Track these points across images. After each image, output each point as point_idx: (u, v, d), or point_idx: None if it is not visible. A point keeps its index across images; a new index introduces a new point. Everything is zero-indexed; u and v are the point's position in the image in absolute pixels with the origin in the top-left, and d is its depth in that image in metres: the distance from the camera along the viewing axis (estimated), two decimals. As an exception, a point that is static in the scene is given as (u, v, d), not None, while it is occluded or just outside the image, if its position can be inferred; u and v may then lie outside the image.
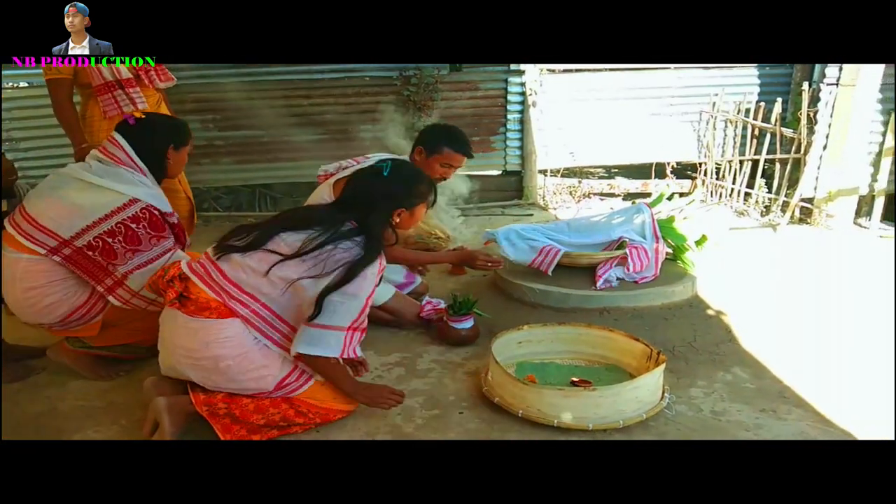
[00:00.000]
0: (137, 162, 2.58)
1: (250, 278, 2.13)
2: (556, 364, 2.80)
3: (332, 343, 2.13)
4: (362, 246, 2.18)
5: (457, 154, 3.25)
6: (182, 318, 2.13)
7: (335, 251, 2.13)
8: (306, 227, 2.19)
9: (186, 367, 2.16)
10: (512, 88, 6.36)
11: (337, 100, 6.25)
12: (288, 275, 2.12)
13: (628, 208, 3.56)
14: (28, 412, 2.50)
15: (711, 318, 3.18)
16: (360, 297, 2.15)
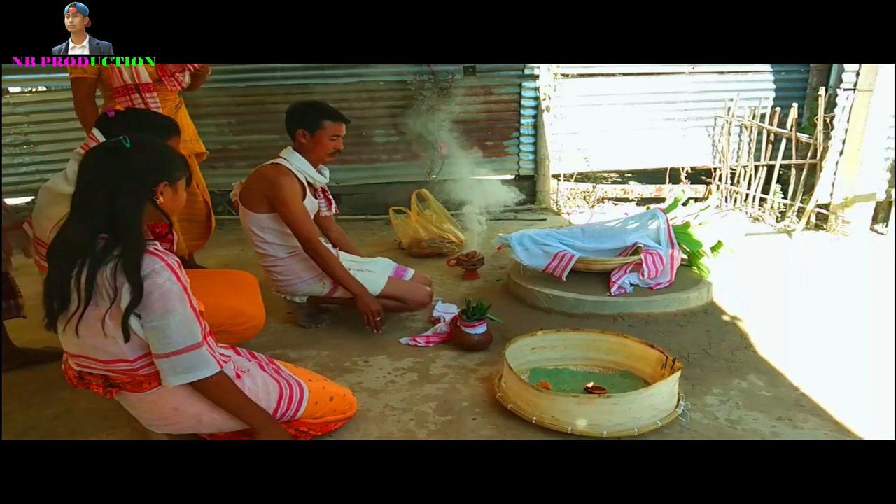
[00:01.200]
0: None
1: (108, 347, 1.84)
2: (570, 370, 2.79)
3: (198, 363, 1.87)
4: (136, 264, 1.77)
5: (337, 123, 3.21)
6: (132, 396, 1.96)
7: (104, 277, 1.74)
8: (72, 263, 1.76)
9: (173, 430, 2.07)
10: (526, 93, 6.36)
11: (351, 104, 6.26)
12: (100, 326, 1.78)
13: (643, 214, 3.54)
14: (43, 415, 2.52)
15: (727, 325, 3.15)
16: (177, 310, 1.80)
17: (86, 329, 1.79)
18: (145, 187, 1.83)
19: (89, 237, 1.75)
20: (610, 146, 6.44)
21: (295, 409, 2.16)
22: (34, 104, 6.10)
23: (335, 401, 2.31)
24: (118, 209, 1.77)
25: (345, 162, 6.34)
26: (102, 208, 1.76)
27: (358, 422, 2.41)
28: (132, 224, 1.79)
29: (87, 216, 1.78)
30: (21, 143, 6.04)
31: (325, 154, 3.22)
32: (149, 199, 1.84)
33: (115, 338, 1.80)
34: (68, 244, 1.78)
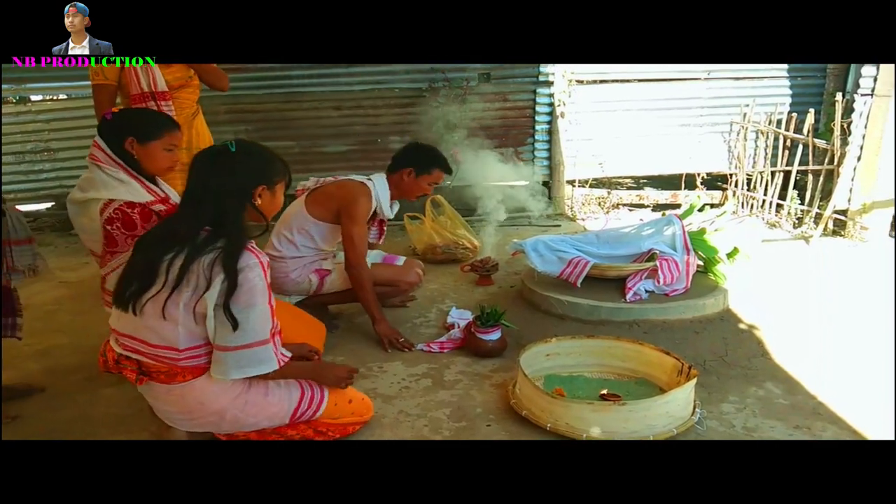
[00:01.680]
0: (115, 158, 2.44)
1: (165, 334, 1.94)
2: (585, 377, 2.79)
3: (263, 359, 1.97)
4: (230, 253, 1.91)
5: (445, 173, 3.45)
6: (160, 387, 2.01)
7: (200, 266, 1.89)
8: (167, 249, 1.94)
9: (192, 426, 2.11)
10: (540, 99, 6.36)
11: (367, 111, 6.31)
12: (173, 311, 1.91)
13: (659, 220, 3.53)
14: (61, 417, 2.56)
15: (743, 332, 3.13)
16: (258, 304, 1.92)
17: (153, 311, 1.91)
18: (246, 190, 2.01)
19: (194, 230, 1.93)
20: (625, 152, 6.42)
21: (315, 408, 2.19)
22: (55, 112, 6.18)
23: (354, 403, 2.34)
24: (224, 209, 1.95)
25: (360, 168, 6.36)
26: (209, 207, 1.95)
27: (373, 427, 2.42)
28: (236, 222, 1.96)
29: (195, 212, 1.96)
30: (42, 150, 6.12)
31: (414, 195, 3.42)
32: (248, 201, 2.01)
33: (176, 325, 1.91)
34: (168, 234, 1.97)
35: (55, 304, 3.99)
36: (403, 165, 3.35)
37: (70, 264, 5.04)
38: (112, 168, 2.43)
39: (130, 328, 1.99)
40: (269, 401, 2.10)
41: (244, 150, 2.02)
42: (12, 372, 2.97)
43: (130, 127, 2.47)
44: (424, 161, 3.37)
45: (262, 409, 2.09)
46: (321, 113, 6.27)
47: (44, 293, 4.25)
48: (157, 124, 2.54)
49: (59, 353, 3.21)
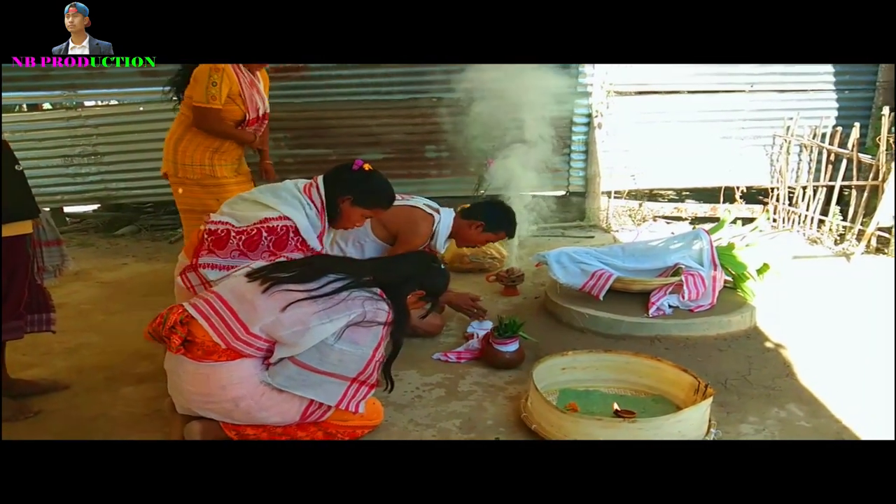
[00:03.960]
0: (321, 199, 2.68)
1: (263, 316, 2.11)
2: (601, 392, 2.74)
3: (331, 391, 2.17)
4: (377, 299, 2.23)
5: (508, 238, 3.61)
6: (190, 364, 2.12)
7: (350, 297, 2.18)
8: (336, 272, 2.26)
9: (205, 411, 2.17)
10: (578, 110, 6.32)
11: (403, 120, 6.36)
12: (300, 314, 2.11)
13: (686, 234, 3.47)
14: (82, 415, 2.62)
15: (769, 351, 3.04)
16: (364, 348, 2.17)
17: (278, 297, 2.13)
18: (414, 287, 2.42)
19: (364, 275, 2.29)
20: (663, 164, 6.33)
21: (325, 410, 2.22)
22: (102, 117, 6.38)
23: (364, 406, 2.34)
24: (401, 290, 2.35)
25: (394, 176, 6.37)
26: (394, 278, 2.36)
27: (380, 434, 2.42)
28: (402, 298, 2.33)
29: (378, 267, 2.40)
30: (89, 154, 6.32)
31: (472, 245, 3.55)
32: (412, 290, 2.40)
33: (277, 316, 2.10)
34: (344, 265, 2.38)
35: (90, 304, 4.11)
36: (477, 217, 3.42)
37: (109, 265, 5.19)
38: (311, 206, 2.66)
39: (230, 292, 2.20)
40: (283, 397, 2.16)
41: (441, 271, 2.54)
42: (41, 369, 3.08)
43: (356, 190, 2.69)
44: (497, 222, 3.46)
45: (276, 405, 2.16)
46: (358, 122, 6.34)
47: (80, 292, 4.38)
48: (377, 199, 2.75)
49: (87, 351, 3.30)
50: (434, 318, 3.40)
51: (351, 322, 2.16)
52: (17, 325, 2.64)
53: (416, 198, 3.52)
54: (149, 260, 5.38)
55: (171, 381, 2.22)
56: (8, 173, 2.49)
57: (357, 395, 2.22)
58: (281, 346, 2.13)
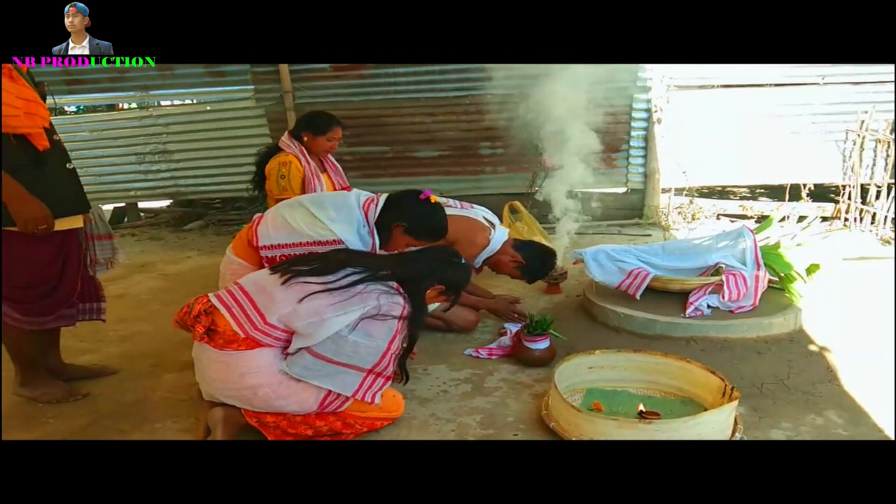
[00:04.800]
0: (372, 224, 2.79)
1: (281, 307, 2.18)
2: (629, 393, 2.69)
3: (347, 382, 2.21)
4: (393, 293, 2.26)
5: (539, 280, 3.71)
6: (213, 352, 2.21)
7: (365, 290, 2.21)
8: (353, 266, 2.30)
9: (227, 398, 2.26)
10: (637, 105, 6.19)
11: (459, 117, 6.38)
12: (316, 306, 2.16)
13: (729, 232, 3.35)
14: (125, 399, 2.77)
15: (812, 355, 2.91)
16: (379, 340, 2.21)
17: (296, 289, 2.20)
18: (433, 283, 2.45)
19: (382, 270, 2.32)
20: (726, 160, 6.12)
21: (343, 400, 2.27)
22: (173, 116, 6.67)
23: (383, 399, 2.37)
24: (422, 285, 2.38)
25: (450, 173, 6.46)
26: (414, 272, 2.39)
27: (400, 428, 2.45)
28: (420, 294, 2.37)
29: (397, 263, 2.42)
30: (160, 152, 6.62)
31: (501, 272, 3.54)
32: (430, 286, 2.44)
33: (293, 307, 2.16)
34: (362, 259, 2.39)
35: (150, 295, 4.32)
36: (525, 255, 3.42)
37: (174, 258, 5.44)
38: (365, 225, 2.77)
39: (252, 284, 2.30)
40: (301, 386, 2.21)
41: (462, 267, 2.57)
42: (95, 355, 3.26)
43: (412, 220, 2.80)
44: (533, 268, 3.48)
45: (294, 394, 2.22)
46: (415, 119, 6.41)
47: (142, 283, 4.61)
48: (428, 233, 2.83)
49: (139, 339, 3.48)
50: (469, 315, 3.41)
51: (365, 314, 2.19)
52: (69, 313, 2.80)
53: (476, 208, 3.54)
54: (211, 254, 5.60)
55: (197, 368, 2.32)
56: (61, 171, 2.64)
57: (373, 387, 2.26)
58: (298, 336, 2.19)
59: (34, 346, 2.75)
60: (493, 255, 3.38)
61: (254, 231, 2.86)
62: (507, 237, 3.42)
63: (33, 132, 2.44)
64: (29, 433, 2.49)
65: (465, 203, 3.53)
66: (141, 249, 5.89)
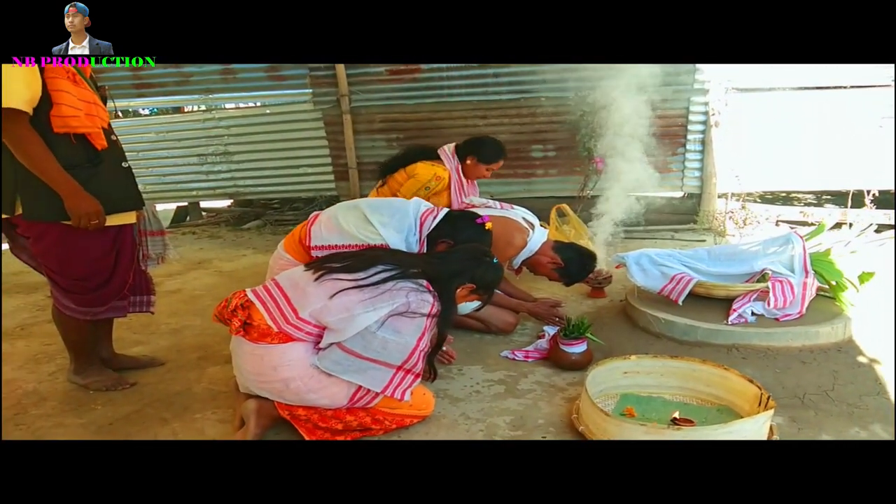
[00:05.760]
0: (427, 233, 2.89)
1: (313, 302, 2.24)
2: (664, 399, 2.64)
3: (376, 377, 2.24)
4: (422, 291, 2.29)
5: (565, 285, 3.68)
6: (248, 345, 2.27)
7: (395, 287, 2.25)
8: (385, 264, 2.35)
9: (260, 390, 2.32)
10: (694, 108, 6.08)
11: (511, 120, 6.39)
12: (347, 302, 2.22)
13: (777, 237, 3.25)
14: (169, 389, 2.87)
15: (861, 367, 2.79)
16: (408, 337, 2.24)
17: (327, 285, 2.27)
18: (464, 284, 2.48)
19: (413, 268, 2.37)
20: (786, 165, 5.94)
21: (372, 395, 2.30)
22: (234, 118, 6.90)
23: (413, 397, 2.40)
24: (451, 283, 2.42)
25: (500, 176, 6.44)
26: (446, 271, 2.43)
27: (429, 425, 2.48)
28: (451, 291, 2.42)
29: (428, 262, 2.48)
30: (221, 153, 6.84)
31: (538, 273, 3.56)
32: (462, 284, 2.48)
33: (325, 302, 2.23)
34: (395, 257, 2.45)
35: (204, 290, 4.47)
36: (565, 258, 3.44)
37: (230, 256, 5.62)
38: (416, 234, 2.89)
39: (287, 280, 2.38)
40: (331, 381, 2.26)
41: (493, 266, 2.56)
42: (145, 346, 3.41)
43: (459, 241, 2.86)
44: (571, 272, 3.49)
45: (324, 388, 2.27)
46: (468, 122, 6.44)
47: (198, 279, 4.78)
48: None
49: (188, 332, 3.61)
50: (508, 316, 3.42)
51: (394, 311, 2.23)
52: (121, 304, 2.93)
53: (516, 209, 3.56)
54: (266, 252, 5.75)
55: (234, 361, 2.40)
56: (116, 169, 2.76)
57: (403, 384, 2.29)
58: (329, 331, 2.24)
59: (87, 335, 2.89)
60: (531, 255, 3.37)
61: (307, 230, 2.95)
62: (546, 238, 3.41)
63: (92, 132, 2.57)
64: (78, 418, 2.61)
65: (504, 204, 3.53)
66: (200, 247, 6.10)
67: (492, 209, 3.44)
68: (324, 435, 2.33)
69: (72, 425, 2.56)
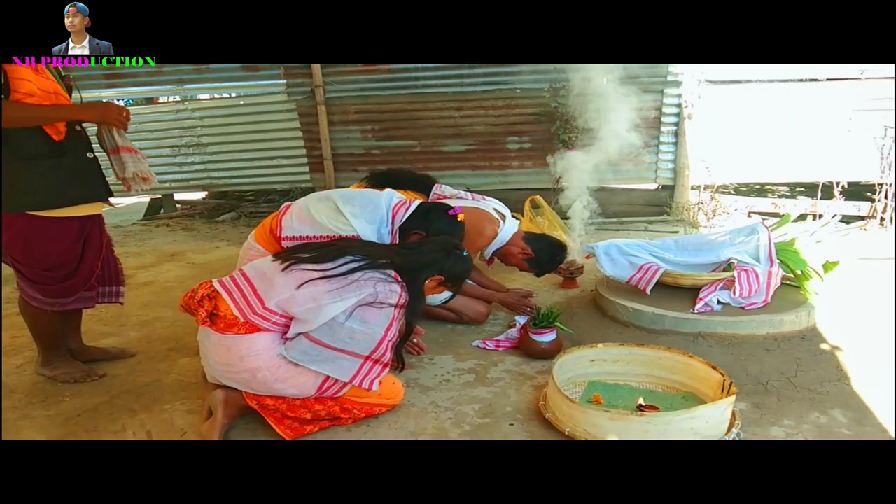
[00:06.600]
0: (395, 227, 2.88)
1: (279, 293, 2.24)
2: (630, 386, 2.68)
3: (344, 367, 2.24)
4: (391, 281, 2.30)
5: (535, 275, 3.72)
6: (214, 335, 2.27)
7: (363, 278, 2.26)
8: (354, 255, 2.35)
9: (228, 380, 2.32)
10: (667, 100, 6.11)
11: (486, 111, 6.40)
12: (314, 292, 2.22)
13: (743, 227, 3.30)
14: (139, 381, 2.86)
15: (823, 354, 2.85)
16: (375, 327, 2.25)
17: (295, 275, 2.26)
18: (433, 275, 2.48)
19: (382, 259, 2.37)
20: (758, 157, 6.02)
21: (341, 385, 2.31)
22: (207, 109, 6.83)
23: (382, 386, 2.41)
24: (420, 275, 2.42)
25: (476, 168, 6.48)
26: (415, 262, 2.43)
27: (398, 414, 2.49)
28: (419, 284, 2.42)
29: (398, 252, 2.48)
30: (194, 145, 6.78)
31: (511, 264, 3.57)
32: (429, 276, 2.47)
33: (292, 292, 2.22)
34: (365, 248, 2.44)
35: (175, 282, 4.45)
36: (535, 248, 3.45)
37: (203, 248, 5.58)
38: (388, 225, 2.89)
39: (257, 278, 2.33)
40: (299, 370, 2.26)
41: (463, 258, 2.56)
42: (116, 338, 3.38)
43: (431, 231, 2.87)
44: (541, 262, 3.52)
45: (292, 377, 2.27)
46: (443, 113, 6.44)
47: (170, 272, 4.74)
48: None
49: (159, 324, 3.59)
50: (480, 307, 3.44)
51: (361, 301, 2.24)
52: (88, 295, 2.91)
53: (487, 200, 3.57)
54: (239, 244, 5.62)
55: (201, 351, 2.40)
56: (81, 160, 2.73)
57: (371, 374, 2.29)
58: (296, 322, 2.25)
59: (55, 327, 2.87)
60: (502, 246, 3.39)
61: (279, 220, 2.94)
62: (517, 229, 3.43)
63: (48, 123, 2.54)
64: (45, 410, 2.60)
65: (476, 195, 3.55)
66: (173, 239, 6.05)
67: (463, 200, 3.46)
68: (292, 424, 2.33)
69: (38, 417, 2.54)
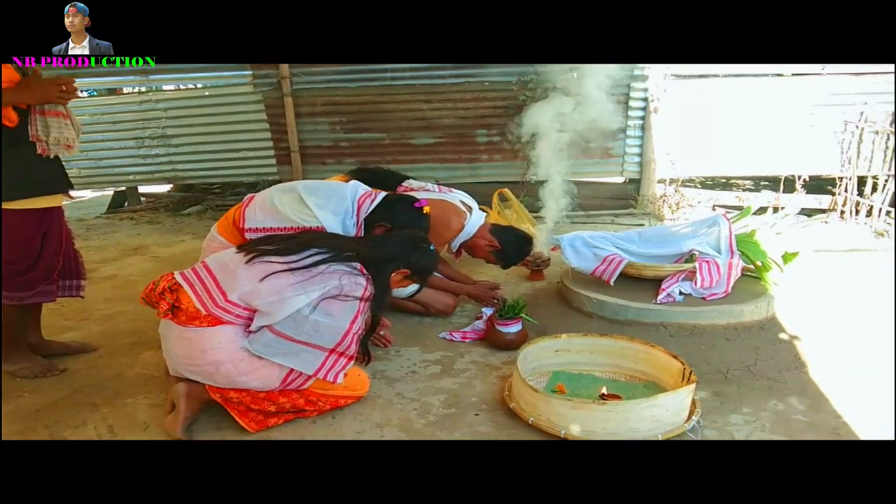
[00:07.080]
0: (360, 219, 2.88)
1: (242, 285, 2.21)
2: (594, 376, 2.71)
3: (308, 360, 2.24)
4: (356, 274, 2.29)
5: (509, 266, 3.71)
6: (176, 328, 2.24)
7: (328, 271, 2.24)
8: (319, 247, 2.33)
9: (190, 373, 2.30)
10: (634, 94, 6.17)
11: (455, 104, 6.39)
12: (277, 285, 2.19)
13: (705, 219, 3.36)
14: (101, 375, 2.82)
15: (781, 343, 2.91)
16: (340, 320, 2.24)
17: (258, 268, 2.24)
18: (399, 268, 2.48)
19: (348, 251, 2.35)
20: (723, 150, 6.11)
21: (305, 378, 2.30)
22: (172, 101, 6.72)
23: (347, 378, 2.41)
24: (385, 268, 2.42)
25: (446, 161, 6.48)
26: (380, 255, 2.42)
27: (364, 406, 2.49)
28: (385, 277, 2.41)
29: (363, 245, 2.46)
30: (159, 136, 6.67)
31: (477, 256, 3.57)
32: (396, 269, 2.47)
33: (255, 285, 2.20)
34: (330, 241, 2.42)
35: (139, 276, 4.38)
36: (502, 241, 3.45)
37: (168, 241, 5.51)
38: (353, 217, 2.89)
39: (220, 270, 2.30)
40: (262, 363, 2.25)
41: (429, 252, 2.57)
42: (77, 332, 3.33)
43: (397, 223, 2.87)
44: (508, 255, 3.52)
45: (255, 370, 2.26)
46: (412, 106, 6.42)
47: (135, 265, 4.68)
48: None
49: (122, 317, 3.54)
50: (447, 299, 3.45)
51: (326, 294, 2.22)
52: (49, 289, 2.85)
53: (454, 192, 3.58)
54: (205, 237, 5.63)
55: (163, 344, 2.37)
56: None
57: (336, 366, 2.29)
58: (260, 314, 2.23)
59: (14, 321, 2.81)
60: (469, 238, 3.40)
61: (242, 212, 2.91)
62: (483, 221, 3.44)
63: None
64: (5, 405, 2.55)
65: (443, 187, 3.55)
66: (137, 233, 5.96)
67: (430, 192, 3.46)
68: (256, 417, 2.32)
69: (-4, 412, 2.49)
